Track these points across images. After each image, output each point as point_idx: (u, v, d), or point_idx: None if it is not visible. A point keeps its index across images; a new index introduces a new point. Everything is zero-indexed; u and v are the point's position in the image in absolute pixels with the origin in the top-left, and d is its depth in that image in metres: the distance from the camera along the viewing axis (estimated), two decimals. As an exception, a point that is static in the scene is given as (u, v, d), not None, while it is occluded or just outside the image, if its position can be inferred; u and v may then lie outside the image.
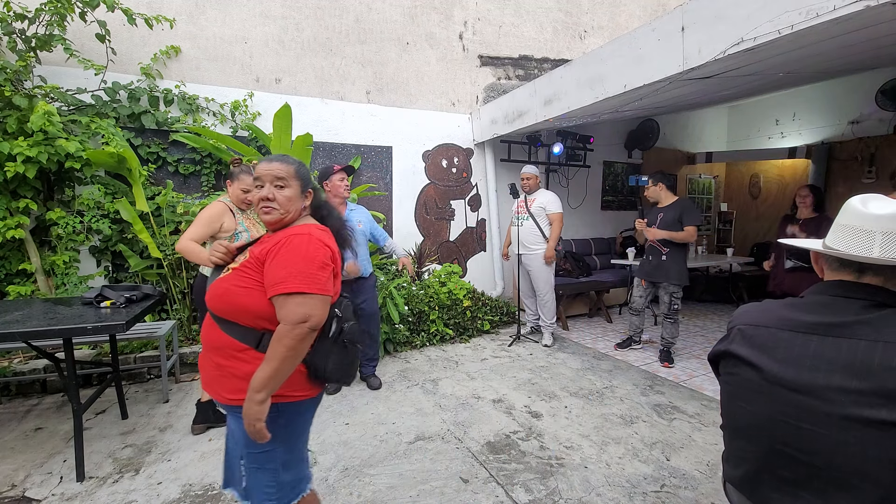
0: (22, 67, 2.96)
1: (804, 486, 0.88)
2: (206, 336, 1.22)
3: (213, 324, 1.19)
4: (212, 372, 1.19)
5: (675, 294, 3.55)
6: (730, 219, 7.39)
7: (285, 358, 1.06)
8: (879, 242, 0.86)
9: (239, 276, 1.16)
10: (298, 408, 1.22)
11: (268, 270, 1.12)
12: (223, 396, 1.17)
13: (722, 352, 1.06)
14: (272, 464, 1.18)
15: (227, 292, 1.15)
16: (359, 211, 3.12)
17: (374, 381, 3.18)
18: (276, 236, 1.18)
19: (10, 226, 2.93)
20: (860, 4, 1.68)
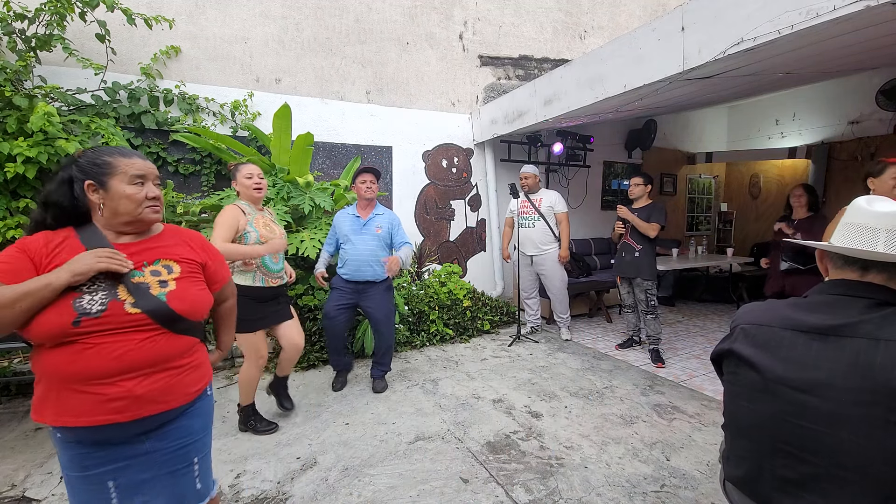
0: (22, 67, 2.96)
1: (806, 486, 0.88)
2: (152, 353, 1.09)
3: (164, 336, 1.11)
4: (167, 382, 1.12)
5: (650, 290, 3.65)
6: (730, 219, 7.39)
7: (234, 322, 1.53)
8: (884, 239, 0.88)
9: (195, 282, 1.22)
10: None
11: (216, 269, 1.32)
12: (190, 391, 1.18)
13: (725, 351, 1.06)
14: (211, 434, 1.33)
15: (199, 297, 1.20)
16: (384, 217, 3.08)
17: (379, 385, 3.14)
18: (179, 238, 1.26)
19: (10, 226, 2.93)
20: (860, 4, 1.68)
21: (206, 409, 1.28)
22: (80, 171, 1.10)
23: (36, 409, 1.06)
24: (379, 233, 3.00)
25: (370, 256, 2.97)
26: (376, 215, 3.05)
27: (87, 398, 1.02)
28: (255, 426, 2.54)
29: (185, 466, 1.19)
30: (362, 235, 2.98)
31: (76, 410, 1.02)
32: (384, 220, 3.06)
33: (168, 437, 1.15)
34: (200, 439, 1.24)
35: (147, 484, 1.13)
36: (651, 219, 3.56)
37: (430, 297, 4.30)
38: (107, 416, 1.03)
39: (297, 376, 3.40)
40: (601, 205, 6.13)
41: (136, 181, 1.13)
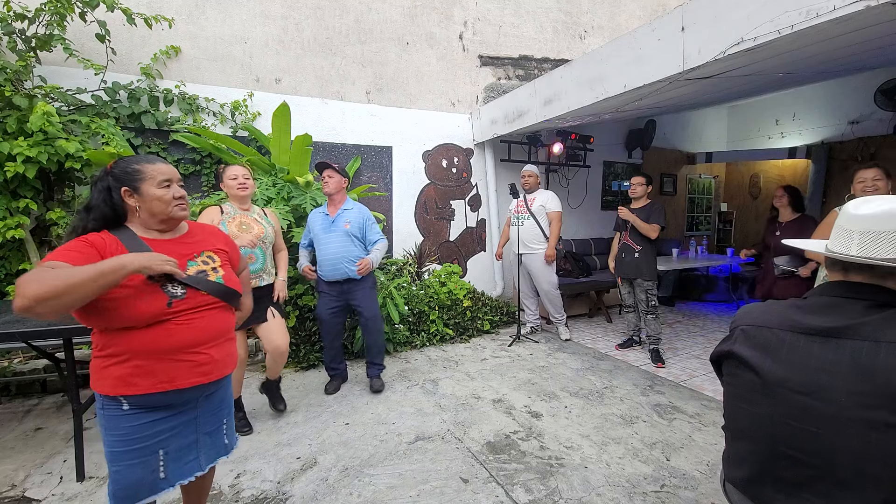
0: (22, 67, 2.96)
1: (806, 488, 0.88)
2: (223, 325, 1.36)
3: (226, 311, 1.39)
4: (230, 348, 1.40)
5: (651, 290, 3.66)
6: (730, 219, 7.39)
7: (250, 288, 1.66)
8: (857, 241, 0.89)
9: (231, 268, 1.46)
10: None
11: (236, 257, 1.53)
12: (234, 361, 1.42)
13: (724, 352, 1.06)
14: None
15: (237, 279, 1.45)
16: (352, 211, 2.97)
17: (376, 384, 3.13)
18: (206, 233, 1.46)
19: (10, 226, 2.93)
20: (860, 4, 1.68)
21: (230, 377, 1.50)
22: (115, 179, 1.27)
23: (123, 383, 1.20)
24: (347, 228, 2.90)
25: (342, 253, 2.88)
26: (345, 210, 2.95)
27: (182, 365, 1.25)
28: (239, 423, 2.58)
29: (218, 427, 1.43)
30: (331, 233, 2.92)
31: (171, 375, 1.23)
32: (353, 214, 2.95)
33: (213, 400, 1.40)
34: (229, 403, 1.50)
35: (190, 447, 1.34)
36: (651, 219, 3.57)
37: (430, 297, 4.30)
38: (198, 378, 1.28)
39: (297, 376, 3.40)
40: (601, 205, 6.13)
41: (164, 184, 1.30)
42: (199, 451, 1.37)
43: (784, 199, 3.32)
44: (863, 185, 2.40)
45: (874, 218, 0.88)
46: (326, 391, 3.10)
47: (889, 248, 0.85)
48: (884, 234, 0.86)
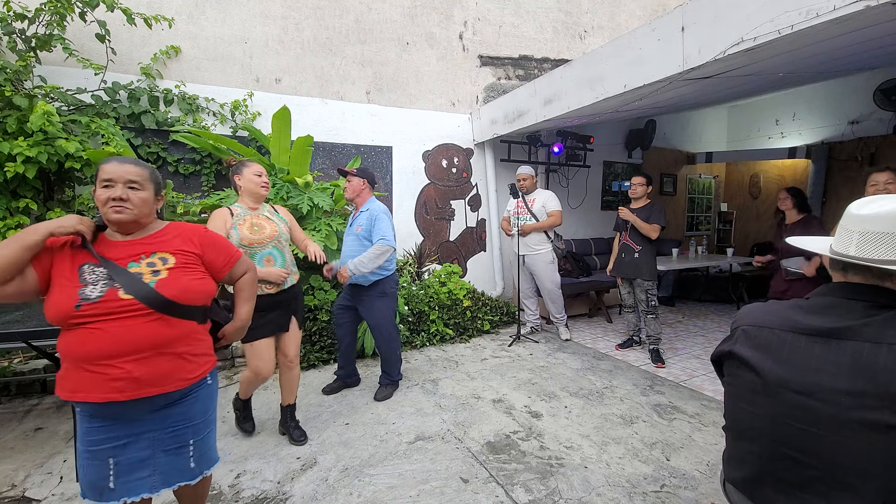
0: (22, 67, 2.96)
1: (806, 488, 0.88)
2: (155, 336, 1.20)
3: (165, 321, 1.23)
4: (165, 366, 1.23)
5: (651, 290, 3.66)
6: (730, 219, 7.39)
7: (254, 294, 1.57)
8: (856, 241, 0.89)
9: (189, 271, 1.32)
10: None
11: (214, 257, 1.41)
12: (186, 379, 1.28)
13: (725, 352, 1.06)
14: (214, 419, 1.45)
15: (192, 284, 1.30)
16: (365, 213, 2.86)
17: (379, 392, 3.02)
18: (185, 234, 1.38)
19: (10, 226, 2.93)
20: (860, 4, 1.68)
21: (206, 395, 1.38)
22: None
23: (57, 385, 1.20)
24: (359, 231, 2.84)
25: (351, 256, 2.82)
26: (361, 213, 2.88)
27: (94, 377, 1.15)
28: (238, 417, 2.54)
29: (180, 447, 1.31)
30: (347, 236, 2.96)
31: (85, 387, 1.16)
32: (364, 217, 2.85)
33: (167, 419, 1.28)
34: (197, 423, 1.35)
35: (145, 462, 1.26)
36: (651, 220, 3.57)
37: (430, 297, 4.30)
38: (109, 394, 1.16)
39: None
40: (601, 205, 6.13)
41: (103, 184, 1.24)
42: (154, 470, 1.26)
43: (788, 201, 3.32)
44: (875, 188, 2.41)
45: (874, 219, 0.88)
46: (323, 391, 3.08)
47: (887, 250, 0.85)
48: (883, 235, 0.86)
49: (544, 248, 4.10)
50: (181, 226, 1.41)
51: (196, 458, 1.35)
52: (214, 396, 1.45)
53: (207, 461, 1.40)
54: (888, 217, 0.86)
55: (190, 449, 1.33)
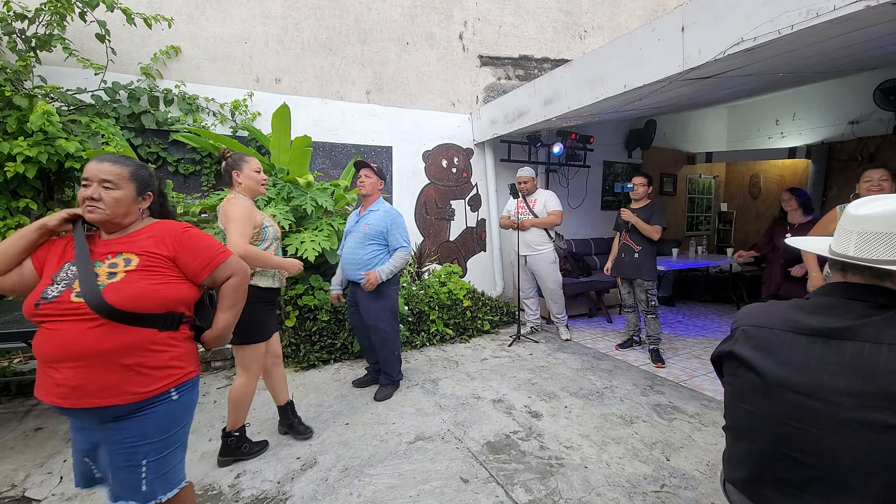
0: (22, 67, 2.96)
1: (806, 489, 0.88)
2: (97, 343, 1.12)
3: (111, 327, 1.14)
4: (117, 376, 1.14)
5: (650, 290, 3.67)
6: (730, 219, 7.39)
7: (240, 301, 1.42)
8: (854, 241, 0.89)
9: (149, 275, 1.22)
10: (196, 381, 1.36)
11: (189, 259, 1.29)
12: (136, 394, 1.17)
13: (725, 353, 1.05)
14: (184, 438, 1.32)
15: (146, 289, 1.19)
16: (377, 213, 2.86)
17: (378, 392, 3.01)
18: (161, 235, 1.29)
19: (10, 226, 2.93)
20: (860, 4, 1.68)
21: (168, 412, 1.23)
22: None
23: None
24: (366, 230, 2.82)
25: (351, 256, 2.86)
26: (370, 212, 2.88)
27: (44, 378, 1.15)
28: (249, 449, 2.27)
29: (132, 465, 1.19)
30: (351, 233, 2.93)
31: (39, 386, 1.17)
32: (375, 216, 2.85)
33: (119, 432, 1.18)
34: (155, 442, 1.21)
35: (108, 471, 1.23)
36: (652, 221, 3.57)
37: (430, 297, 4.30)
38: (53, 399, 1.14)
39: (297, 376, 3.40)
40: (601, 205, 6.13)
41: (83, 183, 1.24)
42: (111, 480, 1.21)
43: (793, 201, 3.33)
44: (869, 184, 2.43)
45: (872, 219, 0.88)
46: (354, 384, 3.21)
47: (885, 250, 0.85)
48: (882, 235, 0.86)
49: (546, 247, 4.10)
50: (160, 225, 1.32)
51: (150, 479, 1.20)
52: (184, 413, 1.29)
53: (165, 484, 1.24)
54: (886, 217, 0.86)
55: (142, 469, 1.19)
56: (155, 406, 1.21)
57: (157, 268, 1.24)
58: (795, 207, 3.32)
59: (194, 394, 1.33)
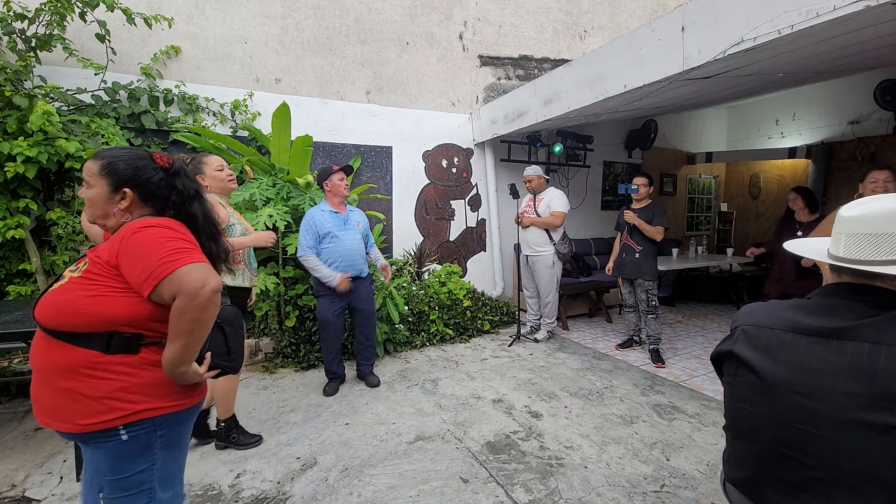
0: (22, 67, 2.96)
1: (806, 489, 0.88)
2: (40, 358, 1.05)
3: (49, 343, 1.04)
4: (56, 399, 1.03)
5: (651, 290, 3.68)
6: (730, 219, 7.39)
7: (192, 330, 1.06)
8: (844, 243, 0.90)
9: (84, 284, 1.06)
10: (180, 417, 1.16)
11: (129, 268, 1.06)
12: (76, 424, 1.02)
13: (725, 352, 1.05)
14: (148, 484, 1.11)
15: (73, 302, 1.04)
16: (358, 213, 3.18)
17: (373, 379, 3.22)
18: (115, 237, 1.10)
19: (10, 226, 2.93)
20: (860, 4, 1.68)
21: (115, 455, 1.07)
22: None
23: None
24: (360, 227, 3.09)
25: (358, 250, 3.06)
26: (352, 212, 3.11)
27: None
28: (237, 439, 2.36)
29: (92, 491, 1.09)
30: (347, 231, 3.02)
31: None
32: (360, 216, 3.16)
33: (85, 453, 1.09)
34: (109, 481, 1.07)
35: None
36: (654, 221, 3.58)
37: (430, 297, 4.30)
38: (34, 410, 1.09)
39: (297, 376, 3.40)
40: (601, 205, 6.13)
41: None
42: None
43: (799, 200, 3.43)
44: (874, 185, 2.46)
45: (859, 220, 0.89)
46: (325, 393, 3.07)
47: (871, 250, 0.86)
48: (868, 235, 0.87)
49: (546, 249, 4.08)
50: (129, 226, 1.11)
51: None
52: (142, 457, 1.09)
53: None
54: (872, 218, 0.87)
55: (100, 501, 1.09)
56: (101, 442, 1.05)
57: (97, 276, 1.06)
58: (802, 206, 3.42)
59: (156, 437, 1.10)
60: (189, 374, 1.11)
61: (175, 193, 1.20)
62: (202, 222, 1.24)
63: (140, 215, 1.17)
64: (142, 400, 1.07)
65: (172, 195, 1.20)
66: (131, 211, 1.16)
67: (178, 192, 1.21)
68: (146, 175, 1.16)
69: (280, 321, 3.71)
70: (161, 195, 1.19)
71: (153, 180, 1.17)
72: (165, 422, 1.12)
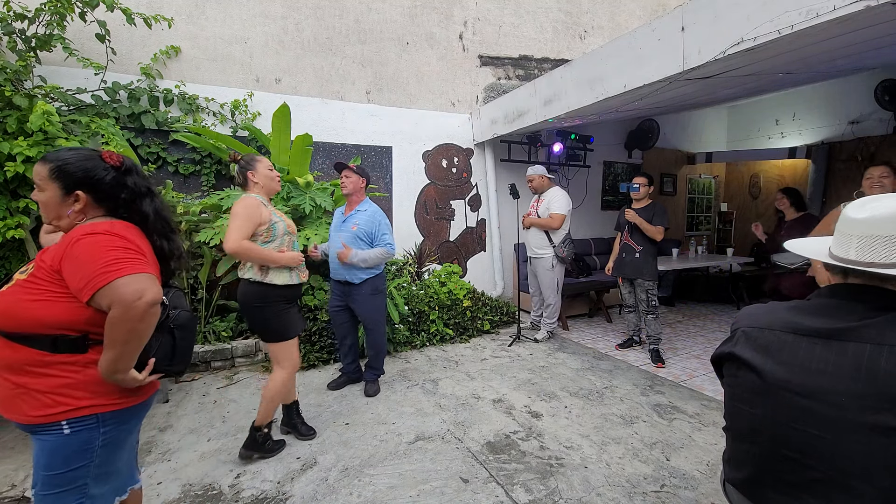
0: (22, 67, 2.96)
1: (807, 490, 0.88)
2: None
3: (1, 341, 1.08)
4: (9, 392, 1.07)
5: (651, 290, 3.68)
6: (730, 219, 7.39)
7: (127, 340, 1.07)
8: (855, 245, 0.89)
9: (28, 288, 1.07)
10: (124, 415, 1.17)
11: (69, 275, 1.06)
12: (28, 416, 1.07)
13: (725, 354, 1.05)
14: (82, 481, 1.12)
15: (13, 306, 1.06)
16: (364, 213, 2.90)
17: (370, 388, 3.07)
18: (61, 242, 1.10)
19: (10, 226, 2.93)
20: (860, 4, 1.68)
21: (55, 448, 1.08)
22: None
23: None
24: (354, 230, 2.85)
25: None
26: (357, 212, 2.91)
27: None
28: (270, 447, 2.30)
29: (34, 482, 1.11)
30: (339, 233, 2.91)
31: None
32: (363, 217, 2.89)
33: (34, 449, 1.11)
34: (43, 476, 1.09)
35: None
36: (654, 221, 3.58)
37: (430, 297, 4.30)
38: None
39: (297, 376, 3.39)
40: (601, 205, 6.13)
41: None
42: None
43: (785, 200, 3.55)
44: (870, 181, 2.50)
45: (871, 222, 0.88)
46: (329, 386, 3.13)
47: (886, 253, 0.85)
48: (882, 238, 0.86)
49: (545, 252, 4.07)
50: (73, 232, 1.11)
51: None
52: (80, 454, 1.10)
53: None
54: (885, 220, 0.86)
55: (34, 496, 1.11)
56: (44, 435, 1.08)
57: (41, 281, 1.07)
58: (788, 206, 3.53)
59: (98, 434, 1.12)
60: (126, 380, 1.12)
61: (126, 191, 1.20)
62: (153, 220, 1.24)
63: (94, 217, 1.17)
64: (86, 397, 1.10)
65: (123, 193, 1.20)
66: (85, 213, 1.16)
67: (130, 190, 1.21)
68: (97, 175, 1.16)
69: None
70: (114, 194, 1.19)
71: (105, 180, 1.17)
72: (109, 419, 1.14)
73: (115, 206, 1.20)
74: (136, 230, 1.19)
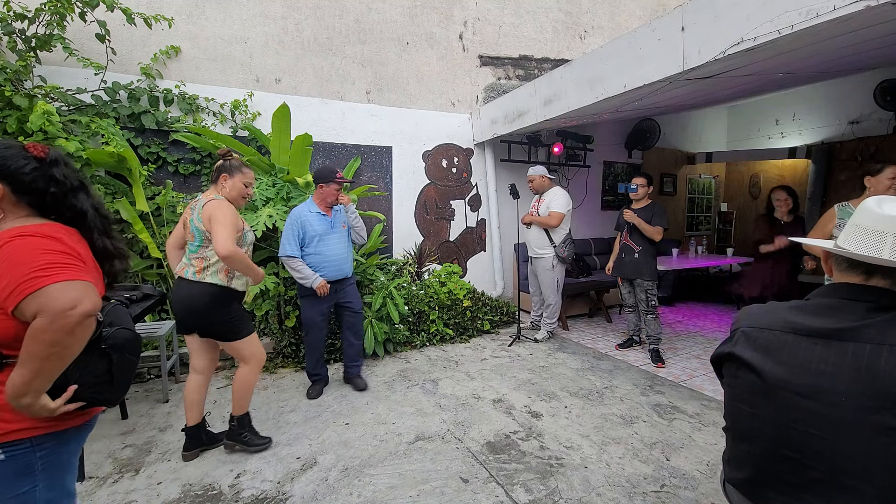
0: (22, 67, 2.96)
1: (807, 490, 0.88)
2: None
3: None
4: None
5: (650, 290, 3.68)
6: (730, 219, 7.39)
7: (48, 356, 0.94)
8: (890, 244, 0.85)
9: None
10: (62, 437, 1.07)
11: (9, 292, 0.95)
12: None
13: (725, 354, 1.05)
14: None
15: None
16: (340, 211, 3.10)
17: (360, 382, 3.14)
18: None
19: (9, 226, 2.93)
20: (860, 4, 1.68)
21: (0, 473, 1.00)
22: None
23: None
24: (344, 229, 3.11)
25: (347, 252, 3.07)
26: (338, 212, 3.09)
27: None
28: (248, 439, 2.34)
29: None
30: (334, 234, 3.00)
31: None
32: (342, 216, 3.13)
33: None
34: None
35: None
36: (653, 221, 3.58)
37: (430, 297, 4.30)
38: None
39: (297, 376, 3.40)
40: (601, 205, 6.13)
41: None
42: None
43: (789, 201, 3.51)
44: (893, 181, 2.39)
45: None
46: (310, 396, 3.02)
47: None
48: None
49: (546, 252, 4.07)
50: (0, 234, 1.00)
51: None
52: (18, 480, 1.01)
53: None
54: None
55: None
56: None
57: None
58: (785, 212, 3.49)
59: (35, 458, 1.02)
60: (35, 407, 0.97)
61: (54, 184, 1.08)
62: (92, 216, 1.12)
63: (18, 215, 1.06)
64: (15, 419, 0.99)
65: (51, 187, 1.07)
66: (4, 208, 1.05)
67: (58, 183, 1.08)
68: (14, 165, 1.04)
69: (280, 321, 3.71)
70: (37, 187, 1.06)
71: (24, 170, 1.04)
72: (45, 442, 1.04)
73: (41, 204, 1.08)
74: (74, 232, 1.08)
